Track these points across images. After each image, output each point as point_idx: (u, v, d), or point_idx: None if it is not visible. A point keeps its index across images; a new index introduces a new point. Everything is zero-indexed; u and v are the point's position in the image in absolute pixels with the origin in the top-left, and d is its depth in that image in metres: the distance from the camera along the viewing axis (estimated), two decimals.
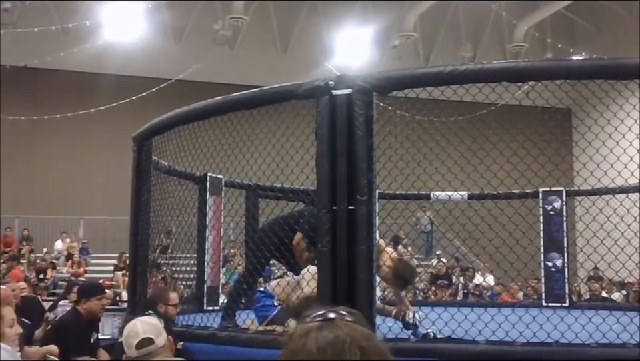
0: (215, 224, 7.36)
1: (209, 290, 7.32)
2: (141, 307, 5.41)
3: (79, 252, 17.24)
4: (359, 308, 3.84)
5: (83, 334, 5.31)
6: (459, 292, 14.59)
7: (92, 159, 18.92)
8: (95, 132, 18.78)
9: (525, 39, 20.35)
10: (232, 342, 4.36)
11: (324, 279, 4.06)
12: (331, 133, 4.08)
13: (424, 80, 4.21)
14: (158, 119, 5.51)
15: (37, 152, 19.00)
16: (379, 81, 4.13)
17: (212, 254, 7.28)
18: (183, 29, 19.08)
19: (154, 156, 5.85)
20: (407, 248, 17.93)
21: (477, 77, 4.03)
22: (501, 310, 4.20)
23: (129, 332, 2.65)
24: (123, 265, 16.31)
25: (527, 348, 3.66)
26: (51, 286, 15.50)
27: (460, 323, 3.94)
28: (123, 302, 12.02)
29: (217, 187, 7.43)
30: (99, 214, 17.91)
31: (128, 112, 16.91)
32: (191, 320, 5.41)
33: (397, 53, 19.35)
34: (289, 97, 4.46)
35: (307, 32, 19.48)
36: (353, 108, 4.02)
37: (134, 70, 18.51)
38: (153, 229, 6.02)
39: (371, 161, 4.03)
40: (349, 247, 3.95)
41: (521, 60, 4.44)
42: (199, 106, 4.97)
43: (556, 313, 4.13)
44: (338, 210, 3.97)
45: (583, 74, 4.05)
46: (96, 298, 5.44)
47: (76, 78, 18.49)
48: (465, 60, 19.46)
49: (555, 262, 8.21)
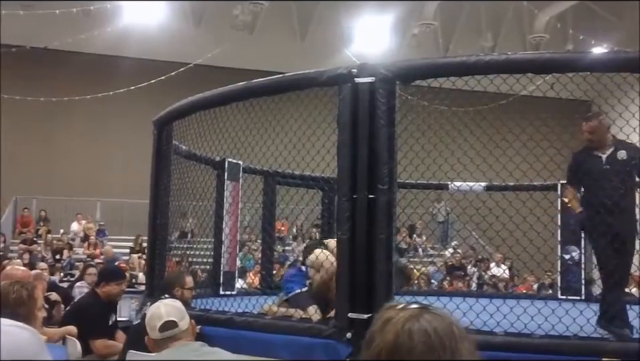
0: (233, 210, 7.40)
1: (226, 274, 7.37)
2: (158, 290, 5.46)
3: (95, 234, 17.39)
4: (377, 297, 3.87)
5: (101, 316, 5.37)
6: (472, 282, 14.60)
7: (110, 142, 19.02)
8: (114, 114, 18.88)
9: (545, 30, 20.12)
10: (249, 327, 4.39)
11: (342, 266, 4.07)
12: (352, 121, 4.07)
13: (447, 69, 4.18)
14: (179, 103, 5.52)
15: (55, 134, 19.13)
16: (402, 70, 4.12)
17: (229, 240, 7.32)
18: (202, 13, 19.06)
19: (174, 141, 5.88)
20: (422, 237, 17.96)
21: (501, 68, 4.00)
22: (519, 302, 4.19)
23: (152, 314, 2.68)
24: (139, 248, 16.46)
25: (545, 340, 3.66)
26: (67, 266, 15.66)
27: (478, 314, 3.94)
28: (140, 285, 12.15)
29: (236, 173, 7.45)
30: (116, 196, 18.04)
31: (146, 95, 16.98)
32: (208, 305, 5.45)
33: (416, 42, 19.20)
34: (312, 84, 4.46)
35: (325, 19, 19.38)
36: (376, 97, 4.01)
37: (153, 54, 18.55)
38: (172, 213, 6.06)
39: (392, 150, 4.02)
40: (368, 235, 3.95)
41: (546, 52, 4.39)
42: (221, 92, 4.97)
43: (575, 306, 4.11)
44: (358, 198, 3.97)
45: (607, 67, 4.01)
46: (115, 282, 5.50)
47: (95, 61, 18.57)
48: (484, 50, 19.27)
49: (572, 254, 8.17)
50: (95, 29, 16.53)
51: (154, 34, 17.76)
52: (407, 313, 1.28)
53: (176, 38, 18.14)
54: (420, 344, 1.23)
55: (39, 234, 17.32)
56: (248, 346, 4.19)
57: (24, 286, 2.92)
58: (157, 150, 5.97)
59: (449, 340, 1.24)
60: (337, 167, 4.15)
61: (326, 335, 3.96)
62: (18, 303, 2.82)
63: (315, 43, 18.98)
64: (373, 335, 1.29)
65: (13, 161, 17.46)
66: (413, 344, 1.23)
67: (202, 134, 5.49)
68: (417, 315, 1.27)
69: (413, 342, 1.23)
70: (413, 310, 1.29)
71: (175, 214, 6.19)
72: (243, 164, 7.35)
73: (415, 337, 1.23)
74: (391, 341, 1.25)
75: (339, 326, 3.92)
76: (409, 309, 1.29)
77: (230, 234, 7.25)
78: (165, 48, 18.15)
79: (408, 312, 1.29)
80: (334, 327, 3.96)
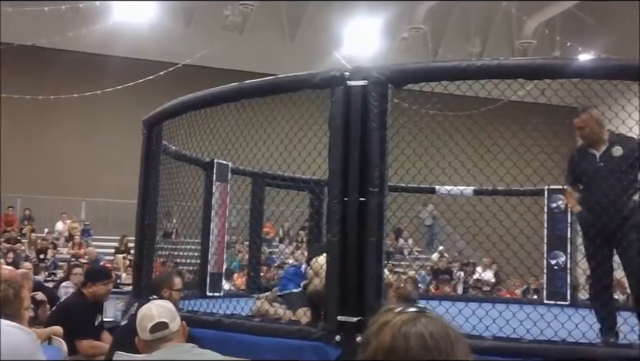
0: (220, 211, 7.37)
1: (212, 276, 7.33)
2: (146, 291, 5.42)
3: (80, 234, 17.26)
4: (367, 300, 3.87)
5: (87, 317, 5.32)
6: (458, 286, 14.66)
7: (97, 141, 18.91)
8: (101, 114, 18.77)
9: (533, 36, 20.27)
10: (238, 329, 4.37)
11: (332, 269, 4.06)
12: (344, 124, 4.07)
13: (440, 74, 4.18)
14: (170, 103, 5.49)
15: (41, 132, 18.97)
16: (394, 73, 4.12)
17: (217, 241, 7.29)
18: (193, 13, 19.01)
19: (163, 141, 5.85)
20: (408, 241, 18.00)
21: (493, 73, 4.02)
22: (508, 307, 4.21)
23: (143, 315, 2.66)
24: (124, 248, 16.36)
25: (533, 345, 3.67)
26: (51, 266, 15.54)
27: (467, 318, 3.94)
28: (123, 285, 12.07)
29: (224, 174, 7.43)
30: (102, 196, 17.92)
31: (134, 94, 16.90)
32: (196, 306, 5.42)
33: (405, 46, 19.27)
34: (304, 86, 4.45)
35: (315, 21, 19.40)
36: (368, 100, 4.01)
37: (142, 53, 18.45)
38: (160, 214, 6.03)
39: (384, 153, 4.03)
40: (358, 238, 3.95)
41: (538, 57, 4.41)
42: (213, 92, 4.96)
43: (563, 311, 4.13)
44: (349, 200, 3.97)
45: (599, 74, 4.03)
46: (102, 282, 5.46)
47: (84, 59, 18.45)
48: (473, 55, 19.37)
49: (558, 259, 8.22)
50: (83, 27, 16.44)
51: (143, 33, 17.69)
52: (404, 316, 1.30)
53: (165, 37, 18.08)
54: (416, 346, 1.25)
55: (23, 233, 17.17)
56: (236, 348, 4.17)
57: (11, 285, 2.89)
58: (146, 150, 5.94)
59: (444, 343, 1.26)
60: (328, 169, 4.15)
61: (315, 337, 3.95)
62: (4, 302, 2.78)
63: (304, 45, 18.98)
64: (369, 338, 1.31)
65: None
66: (409, 346, 1.25)
67: (191, 135, 5.47)
68: (414, 319, 1.29)
69: (409, 344, 1.25)
70: (409, 313, 1.30)
71: (162, 214, 6.16)
72: (232, 166, 7.32)
73: (411, 340, 1.25)
74: (387, 343, 1.26)
75: (328, 328, 3.92)
76: (406, 313, 1.31)
77: (218, 235, 7.23)
78: (154, 47, 18.07)
79: (405, 315, 1.30)
80: (323, 329, 3.96)
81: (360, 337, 3.62)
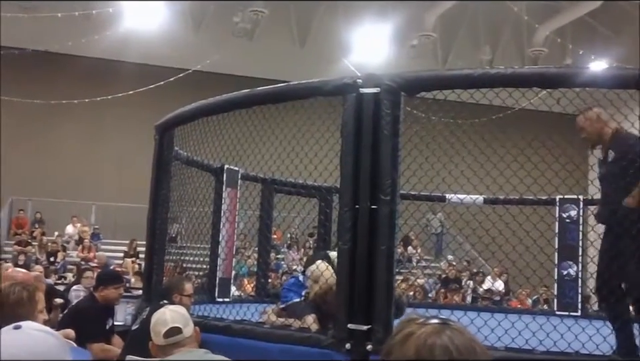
0: (230, 217, 7.38)
1: (221, 281, 7.34)
2: (156, 296, 5.42)
3: (90, 237, 17.32)
4: (377, 308, 3.85)
5: (98, 320, 5.34)
6: (467, 296, 14.60)
7: (107, 146, 18.99)
8: (112, 119, 18.86)
9: (544, 44, 20.19)
10: (247, 335, 4.36)
11: (342, 277, 4.05)
12: (356, 131, 4.05)
13: (453, 82, 4.16)
14: (182, 109, 5.50)
15: (53, 137, 19.07)
16: (407, 81, 4.10)
17: (225, 246, 7.30)
18: (202, 19, 19.08)
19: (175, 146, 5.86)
20: (416, 249, 17.95)
21: (507, 81, 4.00)
22: (521, 317, 4.18)
23: (157, 320, 2.66)
24: (133, 252, 16.40)
25: (546, 356, 3.64)
26: (61, 269, 15.60)
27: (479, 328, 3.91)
28: (133, 289, 12.08)
29: (234, 179, 7.45)
30: (112, 200, 17.99)
31: (145, 100, 16.98)
32: (206, 311, 5.42)
33: (415, 53, 19.24)
34: (316, 93, 4.45)
35: (325, 27, 19.42)
36: (380, 108, 4.00)
37: (152, 59, 18.53)
38: (170, 219, 6.03)
39: (396, 161, 4.01)
40: (369, 246, 3.93)
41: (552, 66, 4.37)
42: (225, 98, 4.96)
43: (577, 323, 4.09)
44: (360, 208, 3.95)
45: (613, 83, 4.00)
46: (114, 286, 5.48)
47: (95, 65, 18.55)
48: (483, 63, 19.33)
49: (569, 270, 8.17)
50: (95, 33, 16.53)
51: (154, 40, 17.76)
52: (429, 328, 1.28)
53: (176, 44, 18.15)
54: (441, 360, 1.23)
55: (34, 236, 17.25)
56: (246, 354, 4.16)
57: (25, 288, 2.90)
58: (158, 155, 5.94)
59: (469, 356, 1.24)
60: (340, 177, 4.14)
61: (325, 345, 3.93)
62: (18, 304, 2.79)
63: (313, 52, 19.00)
64: (392, 348, 1.29)
65: (10, 162, 17.40)
66: (434, 360, 1.22)
67: (202, 141, 5.47)
68: (439, 331, 1.27)
69: (434, 357, 1.22)
70: (434, 325, 1.28)
71: (172, 219, 6.17)
72: (242, 171, 7.33)
73: (437, 353, 1.23)
74: (412, 356, 1.24)
75: (338, 336, 3.90)
76: (430, 324, 1.29)
77: (225, 240, 7.24)
78: (165, 53, 18.15)
79: (429, 327, 1.28)
80: (333, 337, 3.94)
81: (370, 345, 3.62)
